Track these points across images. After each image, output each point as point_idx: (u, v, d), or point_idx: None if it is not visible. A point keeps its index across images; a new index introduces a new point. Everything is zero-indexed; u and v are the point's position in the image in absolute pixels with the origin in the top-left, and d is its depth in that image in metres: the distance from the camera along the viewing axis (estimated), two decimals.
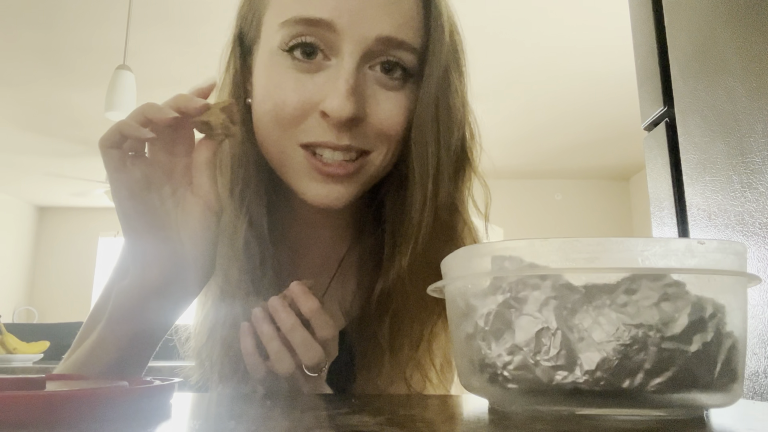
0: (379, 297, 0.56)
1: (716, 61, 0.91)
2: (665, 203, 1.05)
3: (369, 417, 0.31)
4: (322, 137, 0.50)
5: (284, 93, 0.50)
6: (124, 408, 0.30)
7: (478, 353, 0.34)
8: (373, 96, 0.51)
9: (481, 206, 0.60)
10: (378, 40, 0.49)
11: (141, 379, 0.38)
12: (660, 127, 1.08)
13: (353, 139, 0.50)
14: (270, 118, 0.51)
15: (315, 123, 0.50)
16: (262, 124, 0.52)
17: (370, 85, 0.51)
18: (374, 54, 0.50)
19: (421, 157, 0.53)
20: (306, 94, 0.49)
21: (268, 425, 0.28)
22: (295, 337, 0.48)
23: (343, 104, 0.47)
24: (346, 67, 0.48)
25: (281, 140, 0.51)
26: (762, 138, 0.79)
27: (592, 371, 0.30)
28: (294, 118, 0.50)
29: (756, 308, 0.80)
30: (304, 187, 0.52)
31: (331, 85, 0.49)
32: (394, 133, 0.52)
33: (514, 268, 0.33)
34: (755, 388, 0.80)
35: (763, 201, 0.79)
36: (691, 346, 0.30)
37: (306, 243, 0.63)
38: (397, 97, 0.52)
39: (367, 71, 0.51)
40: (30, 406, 0.27)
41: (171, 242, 0.45)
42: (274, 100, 0.50)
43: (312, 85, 0.50)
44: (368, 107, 0.50)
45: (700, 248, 0.32)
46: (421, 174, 0.53)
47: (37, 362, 2.36)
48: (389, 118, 0.51)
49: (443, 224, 0.54)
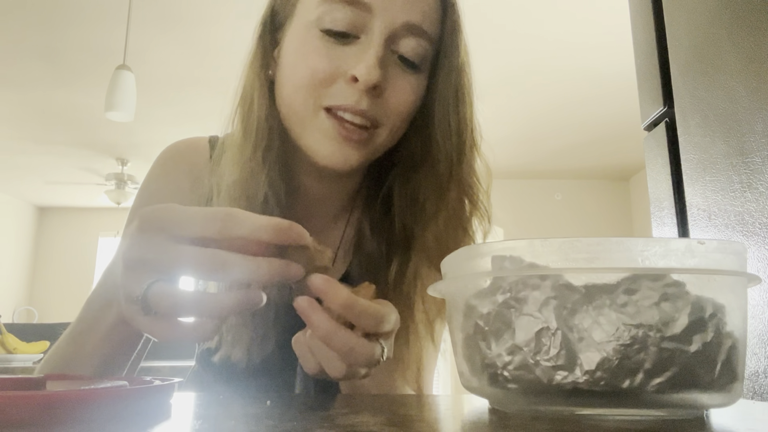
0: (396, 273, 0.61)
1: (716, 61, 0.91)
2: (665, 203, 1.05)
3: (369, 417, 0.31)
4: (346, 100, 0.55)
5: (317, 59, 0.55)
6: (124, 408, 0.30)
7: (478, 353, 0.34)
8: (393, 75, 0.57)
9: (484, 184, 0.66)
10: (404, 26, 0.55)
11: (141, 379, 0.38)
12: (660, 127, 1.07)
13: (371, 107, 0.55)
14: (300, 81, 0.56)
15: (341, 88, 0.55)
16: (289, 89, 0.58)
17: (391, 65, 0.57)
18: (398, 37, 0.56)
19: (444, 136, 0.60)
20: (336, 62, 0.55)
21: (268, 425, 0.28)
22: (335, 341, 0.40)
23: (372, 70, 0.53)
24: (375, 41, 0.55)
25: (306, 102, 0.56)
26: (762, 138, 0.79)
27: (592, 371, 0.30)
28: (323, 81, 0.55)
29: (756, 308, 0.80)
30: (320, 146, 0.57)
31: (360, 56, 0.55)
32: (404, 109, 0.58)
33: (514, 268, 0.33)
34: (755, 388, 0.80)
35: (763, 201, 0.79)
36: (691, 346, 0.30)
37: (310, 213, 0.68)
38: (412, 80, 0.58)
39: (389, 54, 0.57)
40: (30, 406, 0.27)
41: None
42: (307, 64, 0.56)
43: (342, 54, 0.55)
44: (387, 83, 0.56)
45: (700, 248, 0.32)
46: (446, 151, 0.60)
47: (37, 362, 2.35)
48: (403, 95, 0.57)
49: (458, 201, 0.62)
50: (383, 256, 0.64)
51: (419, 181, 0.62)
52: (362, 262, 0.65)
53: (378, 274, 0.63)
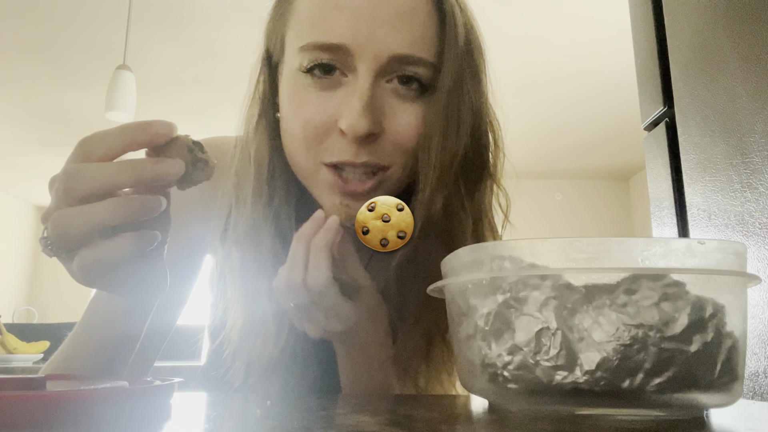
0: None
1: (716, 61, 0.91)
2: (665, 203, 1.05)
3: (369, 417, 0.31)
4: (342, 156, 0.51)
5: (308, 113, 0.52)
6: (124, 408, 0.30)
7: (478, 353, 0.34)
8: (391, 109, 0.52)
9: (500, 214, 0.61)
10: (391, 59, 0.50)
11: (141, 379, 0.38)
12: (660, 127, 1.08)
13: (371, 155, 0.51)
14: (296, 137, 0.53)
15: (336, 141, 0.51)
16: (290, 142, 0.54)
17: (387, 99, 0.52)
18: (389, 70, 0.51)
19: (424, 166, 0.53)
20: (327, 113, 0.51)
21: (268, 425, 0.28)
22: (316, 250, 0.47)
23: (358, 121, 0.49)
24: (360, 84, 0.50)
25: (307, 159, 0.53)
26: (762, 138, 0.79)
27: (592, 371, 0.30)
28: (317, 137, 0.52)
29: (756, 308, 0.80)
30: (325, 201, 0.53)
31: (349, 101, 0.50)
32: (411, 144, 0.53)
33: (514, 268, 0.33)
34: (755, 388, 0.80)
35: (763, 201, 0.79)
36: (691, 346, 0.30)
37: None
38: (414, 109, 0.52)
39: (385, 84, 0.52)
40: (30, 406, 0.27)
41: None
42: (298, 120, 0.52)
43: (332, 103, 0.51)
44: (385, 121, 0.51)
45: (700, 248, 0.32)
46: (423, 182, 0.53)
47: (37, 362, 2.36)
48: (406, 130, 0.52)
49: (441, 231, 0.54)
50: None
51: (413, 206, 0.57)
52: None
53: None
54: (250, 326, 0.56)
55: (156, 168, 0.38)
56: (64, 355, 0.53)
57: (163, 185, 0.40)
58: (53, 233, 0.38)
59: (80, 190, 0.37)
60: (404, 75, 0.52)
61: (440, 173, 0.53)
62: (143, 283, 0.46)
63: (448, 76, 0.52)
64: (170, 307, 0.64)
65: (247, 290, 0.56)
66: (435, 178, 0.53)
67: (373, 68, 0.50)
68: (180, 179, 0.40)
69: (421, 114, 0.53)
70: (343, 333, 0.51)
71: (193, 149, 0.40)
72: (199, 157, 0.41)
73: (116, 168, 0.37)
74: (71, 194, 0.37)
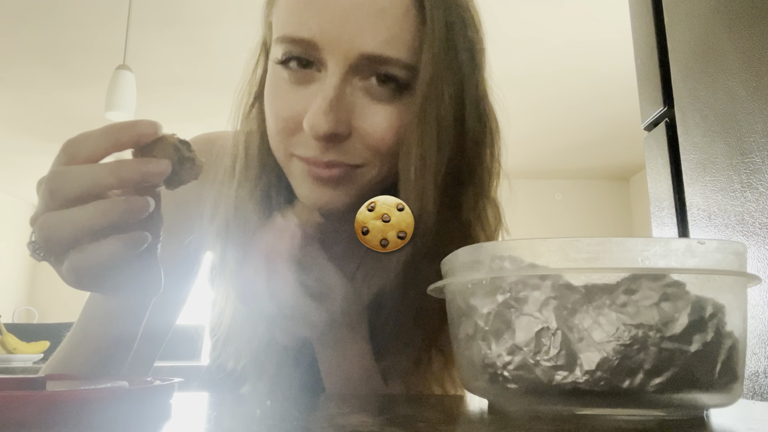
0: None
1: (716, 61, 0.91)
2: (665, 203, 1.05)
3: (369, 417, 0.31)
4: (308, 152, 0.50)
5: (278, 105, 0.50)
6: (124, 408, 0.30)
7: (478, 353, 0.34)
8: (361, 109, 0.49)
9: (492, 225, 0.58)
10: (362, 57, 0.48)
11: (141, 379, 0.38)
12: (660, 127, 1.08)
13: (339, 154, 0.49)
14: (270, 127, 0.52)
15: (304, 137, 0.50)
16: (268, 131, 0.53)
17: (358, 99, 0.49)
18: (362, 69, 0.49)
19: (403, 173, 0.51)
20: (296, 108, 0.50)
21: (268, 425, 0.28)
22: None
23: (320, 120, 0.47)
24: (328, 83, 0.48)
25: (278, 149, 0.52)
26: (762, 138, 0.79)
27: (592, 371, 0.30)
28: (286, 130, 0.50)
29: (756, 308, 0.80)
30: (299, 190, 0.52)
31: (314, 100, 0.48)
32: (383, 147, 0.50)
33: (514, 268, 0.33)
34: (755, 388, 0.80)
35: (763, 201, 0.79)
36: (691, 346, 0.30)
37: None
38: (387, 110, 0.50)
39: (357, 83, 0.49)
40: (30, 406, 0.27)
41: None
42: (271, 111, 0.51)
43: (302, 98, 0.50)
44: (355, 121, 0.49)
45: (700, 248, 0.32)
46: (403, 189, 0.51)
47: (37, 362, 2.35)
48: (377, 132, 0.49)
49: (429, 240, 0.52)
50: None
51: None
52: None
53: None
54: (240, 312, 0.56)
55: (141, 168, 0.37)
56: (62, 355, 0.53)
57: (150, 185, 0.39)
58: (40, 237, 0.37)
59: (66, 192, 0.36)
60: (381, 74, 0.49)
61: (422, 185, 0.50)
62: (136, 283, 0.45)
63: (424, 78, 0.49)
64: (168, 307, 0.64)
65: (235, 275, 0.56)
66: (414, 190, 0.50)
67: (342, 66, 0.48)
68: (167, 179, 0.40)
69: (394, 115, 0.50)
70: (315, 338, 0.51)
71: (179, 148, 0.40)
72: (185, 156, 0.40)
73: (101, 169, 0.37)
74: (57, 197, 0.37)
